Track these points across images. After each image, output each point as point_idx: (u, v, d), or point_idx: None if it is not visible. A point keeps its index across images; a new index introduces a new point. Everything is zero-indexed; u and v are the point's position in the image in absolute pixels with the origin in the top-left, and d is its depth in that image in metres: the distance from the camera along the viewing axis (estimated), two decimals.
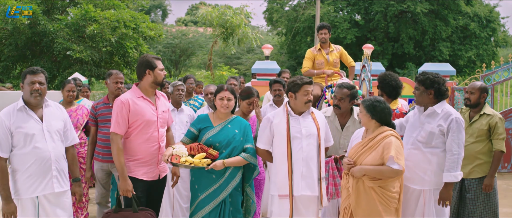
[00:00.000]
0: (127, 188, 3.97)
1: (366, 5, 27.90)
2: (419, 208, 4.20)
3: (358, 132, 4.23)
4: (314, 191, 4.13)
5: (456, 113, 4.17)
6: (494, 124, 4.75)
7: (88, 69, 15.27)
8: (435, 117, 4.16)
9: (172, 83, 5.84)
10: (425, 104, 4.23)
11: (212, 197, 4.12)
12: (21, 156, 3.73)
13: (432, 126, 4.13)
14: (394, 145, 3.79)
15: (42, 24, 14.18)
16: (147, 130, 4.11)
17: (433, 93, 4.16)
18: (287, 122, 4.17)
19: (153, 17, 53.25)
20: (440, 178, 4.15)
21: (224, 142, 4.14)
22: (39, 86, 3.80)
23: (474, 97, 4.86)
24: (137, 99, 4.11)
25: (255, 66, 11.52)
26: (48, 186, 3.82)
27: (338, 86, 4.74)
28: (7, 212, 3.68)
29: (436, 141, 4.14)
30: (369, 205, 3.83)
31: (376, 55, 26.44)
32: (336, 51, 7.04)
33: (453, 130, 4.07)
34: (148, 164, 4.14)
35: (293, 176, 4.10)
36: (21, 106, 3.77)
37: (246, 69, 29.43)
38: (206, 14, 18.71)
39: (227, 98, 4.22)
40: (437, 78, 4.16)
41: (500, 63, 10.06)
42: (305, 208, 4.14)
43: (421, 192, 4.19)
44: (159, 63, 4.16)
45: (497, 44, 29.02)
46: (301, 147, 4.11)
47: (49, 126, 3.86)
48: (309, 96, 4.15)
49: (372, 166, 3.82)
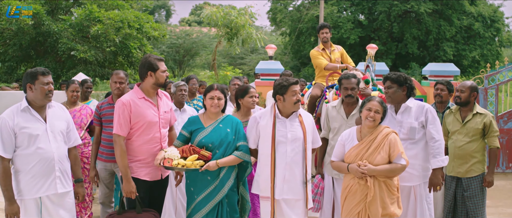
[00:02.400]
0: (131, 189, 3.98)
1: (369, 5, 27.84)
2: (411, 204, 4.37)
3: (349, 134, 4.19)
4: (296, 195, 4.12)
5: (426, 104, 4.44)
6: (489, 122, 4.90)
7: (92, 69, 15.29)
8: (410, 112, 4.38)
9: (174, 83, 5.86)
10: (398, 101, 4.43)
11: (208, 198, 4.10)
12: (25, 157, 3.73)
13: (411, 121, 4.35)
14: (398, 141, 3.95)
15: (46, 25, 14.20)
16: (149, 131, 4.11)
17: (406, 89, 4.40)
18: (273, 126, 4.14)
19: (157, 17, 53.36)
20: (427, 170, 4.40)
21: (216, 142, 4.12)
22: (52, 87, 3.85)
23: (464, 95, 4.97)
24: (139, 100, 4.09)
25: (259, 66, 11.53)
26: (51, 187, 3.82)
27: (344, 78, 4.84)
28: (10, 213, 3.68)
29: (418, 134, 4.36)
30: (381, 199, 3.91)
31: (380, 55, 26.40)
32: (337, 50, 7.09)
33: (431, 119, 4.33)
34: (151, 165, 4.13)
35: (275, 180, 4.10)
36: (25, 107, 3.77)
37: (250, 69, 29.45)
38: (210, 14, 18.72)
39: (217, 98, 4.19)
40: (408, 76, 4.45)
41: (504, 63, 10.02)
42: (291, 209, 4.13)
43: (411, 189, 4.37)
44: (161, 65, 4.12)
45: (501, 44, 28.95)
46: (285, 152, 4.10)
47: (53, 127, 3.87)
48: (297, 96, 4.12)
49: (383, 166, 3.88)
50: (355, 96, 4.80)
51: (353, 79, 4.77)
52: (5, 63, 15.52)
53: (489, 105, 9.62)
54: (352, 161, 4.00)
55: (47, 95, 3.81)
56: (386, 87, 4.46)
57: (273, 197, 4.09)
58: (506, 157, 9.21)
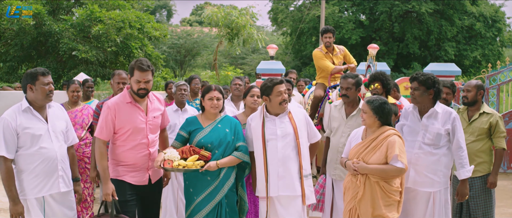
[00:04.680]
0: (107, 191, 3.86)
1: (371, 5, 27.82)
2: (429, 210, 4.22)
3: (356, 132, 4.23)
4: (293, 191, 4.11)
5: (453, 110, 4.28)
6: (495, 122, 4.80)
7: (94, 69, 15.32)
8: (437, 117, 4.21)
9: (175, 83, 5.86)
10: (424, 105, 4.26)
11: (208, 199, 4.08)
12: (27, 157, 3.74)
13: (437, 127, 4.18)
14: (398, 144, 3.83)
15: (48, 25, 14.23)
16: (135, 137, 3.99)
17: (433, 93, 4.21)
18: (262, 124, 4.17)
19: (158, 17, 53.33)
20: (447, 177, 4.25)
21: (216, 142, 4.11)
22: (53, 87, 3.86)
23: (471, 94, 4.91)
24: (126, 104, 3.98)
25: (260, 66, 11.52)
26: (55, 186, 3.84)
27: (342, 78, 4.82)
28: (15, 213, 3.69)
29: (443, 141, 4.20)
30: (373, 199, 3.85)
31: (382, 55, 26.37)
32: (339, 53, 7.13)
33: (457, 128, 4.18)
34: (137, 170, 4.03)
35: (269, 177, 4.11)
36: (26, 107, 3.78)
37: (251, 69, 29.43)
38: (212, 14, 18.74)
39: (216, 98, 4.18)
40: (436, 78, 4.22)
41: (505, 63, 10.02)
42: (285, 208, 4.11)
43: (431, 194, 4.22)
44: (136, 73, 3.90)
45: (502, 44, 28.89)
46: (276, 148, 4.11)
47: (54, 127, 3.89)
48: (283, 96, 4.15)
49: (375, 166, 3.83)
50: (351, 96, 4.74)
51: (350, 79, 4.73)
52: (6, 63, 15.53)
53: (490, 105, 9.62)
54: (352, 159, 4.01)
55: (48, 95, 3.82)
56: (412, 88, 4.27)
57: (267, 196, 4.10)
58: (507, 157, 9.18)
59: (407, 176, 4.24)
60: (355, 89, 4.73)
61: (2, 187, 3.77)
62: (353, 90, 4.72)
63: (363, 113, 3.99)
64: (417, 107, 4.33)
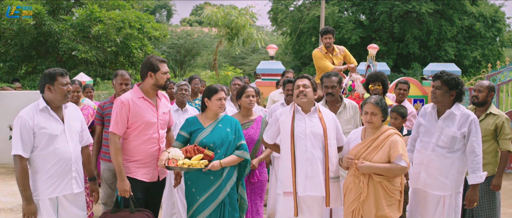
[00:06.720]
0: (125, 188, 3.94)
1: (371, 5, 27.84)
2: (438, 214, 4.17)
3: (354, 133, 4.23)
4: (320, 192, 4.11)
5: (471, 113, 4.14)
6: (501, 124, 4.73)
7: (93, 69, 15.30)
8: (453, 120, 4.12)
9: (176, 83, 5.86)
10: (444, 104, 4.17)
11: (212, 198, 4.10)
12: (43, 157, 3.73)
13: (453, 130, 4.09)
14: (400, 143, 3.87)
15: (47, 25, 14.20)
16: (146, 131, 4.08)
17: (455, 94, 4.12)
18: (292, 121, 4.17)
19: (158, 17, 53.36)
20: (459, 181, 4.17)
21: (218, 142, 4.14)
22: (71, 87, 3.87)
23: (482, 95, 4.84)
24: (138, 99, 4.07)
25: (260, 66, 11.53)
26: (67, 187, 3.85)
27: (325, 76, 4.86)
28: (28, 213, 3.69)
29: (458, 144, 4.12)
30: (376, 200, 3.87)
31: (381, 55, 26.39)
32: (339, 54, 7.13)
33: (474, 132, 4.07)
34: (148, 165, 4.12)
35: (297, 176, 4.10)
36: (44, 107, 3.77)
37: (251, 69, 29.43)
38: (211, 14, 18.72)
39: (224, 98, 4.24)
40: (460, 80, 4.12)
41: (505, 63, 10.02)
42: (309, 209, 4.13)
43: (441, 198, 4.16)
44: (163, 66, 4.09)
45: (502, 44, 28.94)
46: (305, 148, 4.11)
47: (70, 127, 3.90)
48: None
49: (382, 164, 3.85)
50: (336, 94, 4.79)
51: (334, 77, 4.77)
52: (6, 63, 15.51)
53: None
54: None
55: (66, 96, 3.82)
56: (434, 87, 4.16)
57: (296, 193, 4.09)
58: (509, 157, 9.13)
59: (418, 178, 4.22)
60: (338, 87, 4.78)
61: (3, 187, 3.76)
62: (338, 88, 4.78)
63: (371, 115, 3.96)
64: (436, 107, 4.25)
